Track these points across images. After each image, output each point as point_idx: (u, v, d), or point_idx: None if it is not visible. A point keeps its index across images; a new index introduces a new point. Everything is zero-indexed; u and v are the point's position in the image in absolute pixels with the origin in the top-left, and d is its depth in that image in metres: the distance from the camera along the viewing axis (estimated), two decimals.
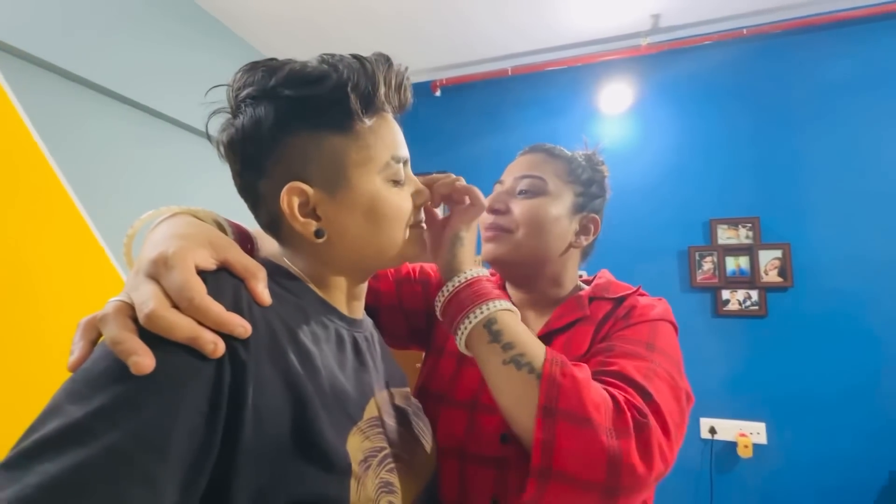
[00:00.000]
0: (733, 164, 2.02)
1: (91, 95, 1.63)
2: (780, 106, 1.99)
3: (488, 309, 0.50)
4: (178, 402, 0.32)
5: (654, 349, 0.54)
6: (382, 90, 0.46)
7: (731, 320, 1.93)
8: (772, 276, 1.89)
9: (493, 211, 0.66)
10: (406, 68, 0.50)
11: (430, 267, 0.77)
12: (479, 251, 0.73)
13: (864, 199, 1.82)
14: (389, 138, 0.48)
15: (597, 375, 0.50)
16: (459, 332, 0.51)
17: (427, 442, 0.55)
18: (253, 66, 0.46)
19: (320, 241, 0.47)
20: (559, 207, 0.65)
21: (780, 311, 1.87)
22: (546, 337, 0.62)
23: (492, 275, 0.78)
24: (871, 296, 1.76)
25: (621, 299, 0.64)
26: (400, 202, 0.49)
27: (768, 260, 1.91)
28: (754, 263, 1.92)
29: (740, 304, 1.92)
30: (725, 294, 1.94)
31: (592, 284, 0.69)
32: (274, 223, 0.49)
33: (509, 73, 2.37)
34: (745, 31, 2.02)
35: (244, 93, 0.45)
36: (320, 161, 0.45)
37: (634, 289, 0.67)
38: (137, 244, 0.45)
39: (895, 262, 1.75)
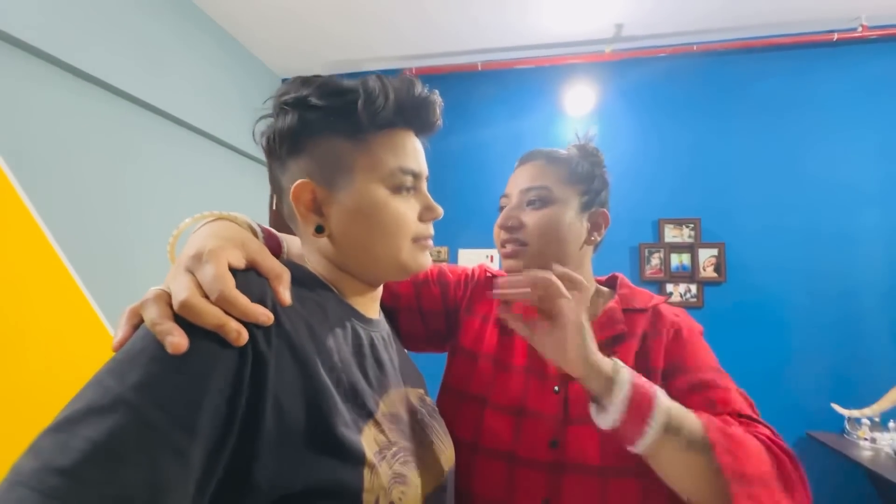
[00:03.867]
0: (680, 168, 2.21)
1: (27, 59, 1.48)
2: (720, 117, 2.20)
3: (660, 407, 0.48)
4: (205, 383, 0.35)
5: (722, 371, 0.60)
6: (395, 107, 0.50)
7: None
8: (709, 272, 2.13)
9: (506, 228, 0.67)
10: (432, 92, 0.53)
11: (450, 269, 0.78)
12: (500, 265, 0.77)
13: (788, 206, 2.08)
14: (401, 151, 0.51)
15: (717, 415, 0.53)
16: (644, 445, 0.48)
17: (441, 442, 0.57)
18: (296, 79, 0.52)
19: (321, 236, 0.51)
20: (569, 212, 0.66)
21: (714, 303, 2.11)
22: None
23: (487, 268, 0.80)
24: (787, 291, 2.04)
25: (656, 313, 0.66)
26: (401, 211, 0.51)
27: (706, 257, 2.14)
28: (695, 260, 2.14)
29: (681, 296, 2.14)
30: (669, 287, 2.15)
31: (618, 294, 0.69)
32: (291, 216, 0.53)
33: (479, 67, 2.41)
34: (694, 47, 2.20)
35: (282, 99, 0.51)
36: (330, 163, 0.50)
37: (659, 298, 0.69)
38: (180, 245, 0.50)
39: (808, 263, 2.04)
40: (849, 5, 1.98)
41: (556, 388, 0.62)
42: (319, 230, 0.51)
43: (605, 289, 0.73)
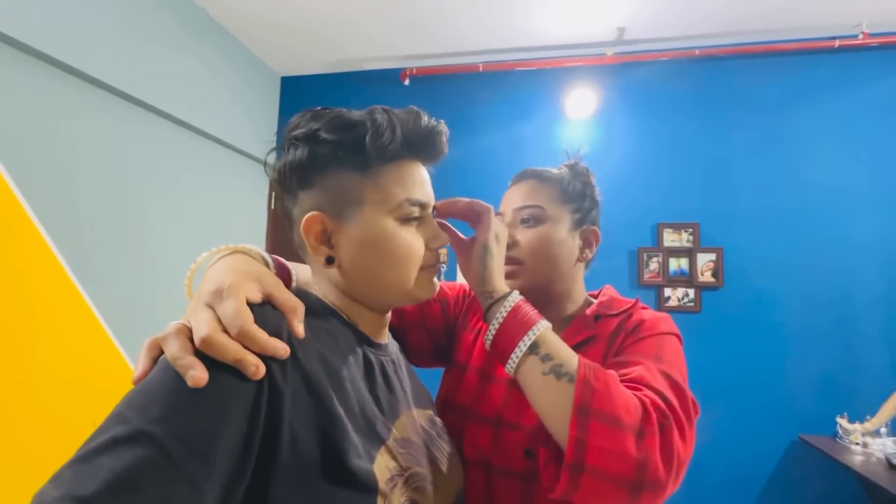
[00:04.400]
0: (680, 172, 2.22)
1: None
2: (720, 122, 2.21)
3: (534, 333, 0.53)
4: (224, 416, 0.36)
5: (662, 360, 0.57)
6: (402, 140, 0.51)
7: (670, 315, 2.16)
8: (706, 277, 2.14)
9: None
10: (438, 122, 0.54)
11: (448, 286, 0.80)
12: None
13: (785, 212, 2.10)
14: (409, 182, 0.52)
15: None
16: (510, 363, 0.54)
17: (451, 463, 0.58)
18: (306, 113, 0.53)
19: (332, 267, 0.52)
20: (561, 230, 0.69)
21: (711, 307, 2.13)
22: None
23: None
24: (784, 296, 2.06)
25: (628, 315, 0.67)
26: (410, 242, 0.52)
27: (704, 262, 2.15)
28: (693, 264, 2.15)
29: (679, 300, 2.16)
30: (668, 291, 2.17)
31: (597, 302, 0.71)
32: (301, 246, 0.54)
33: (480, 69, 2.41)
34: (696, 51, 2.20)
35: (293, 133, 0.52)
36: (340, 196, 0.51)
37: (634, 302, 0.70)
38: (197, 277, 0.50)
39: (804, 268, 2.06)
40: (850, 12, 1.98)
41: None
42: (330, 261, 0.52)
43: (593, 299, 0.75)
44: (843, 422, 1.84)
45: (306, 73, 2.69)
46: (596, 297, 0.77)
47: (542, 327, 0.54)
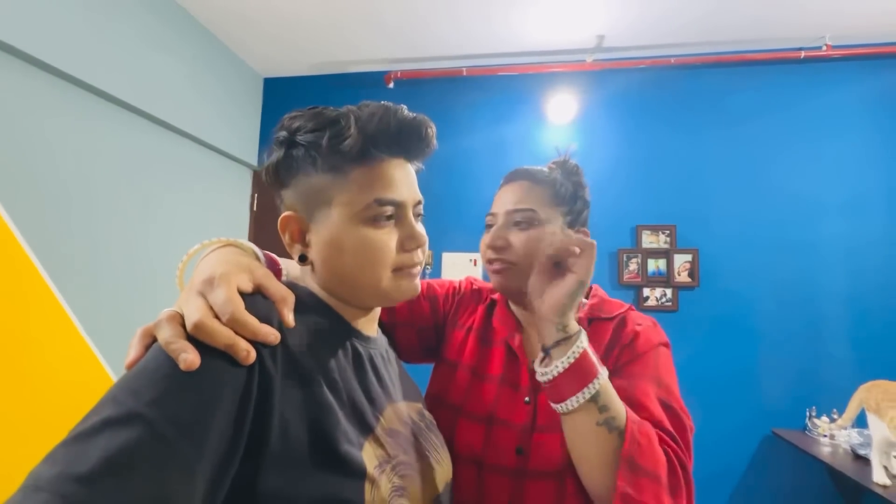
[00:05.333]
0: (657, 176, 2.29)
1: None
2: (695, 128, 2.29)
3: (598, 384, 0.52)
4: (215, 399, 0.36)
5: (661, 383, 0.61)
6: (367, 139, 0.50)
7: (649, 314, 2.21)
8: (683, 277, 2.21)
9: (494, 248, 0.69)
10: (415, 116, 0.53)
11: (438, 283, 0.80)
12: (483, 276, 0.80)
13: (756, 214, 2.18)
14: (379, 182, 0.50)
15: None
16: (565, 405, 0.53)
17: (439, 455, 0.58)
18: (292, 113, 0.53)
19: (305, 265, 0.54)
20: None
21: (688, 306, 2.20)
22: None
23: (474, 281, 0.83)
24: (755, 295, 2.14)
25: (621, 321, 0.68)
26: (378, 244, 0.51)
27: (681, 262, 2.22)
28: (670, 265, 2.22)
29: (657, 300, 2.22)
30: (646, 291, 2.23)
31: (587, 304, 0.72)
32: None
33: (464, 73, 2.44)
34: (672, 59, 2.28)
35: (275, 135, 0.54)
36: (311, 197, 0.51)
37: (627, 307, 0.71)
38: (188, 270, 0.51)
39: (774, 269, 2.14)
40: (815, 25, 2.09)
41: (527, 398, 0.66)
42: (303, 259, 0.54)
43: (582, 300, 0.76)
44: (820, 423, 1.92)
45: (290, 74, 2.68)
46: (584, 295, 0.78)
47: (604, 378, 0.54)
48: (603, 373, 0.54)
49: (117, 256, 1.73)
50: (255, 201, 2.64)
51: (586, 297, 0.75)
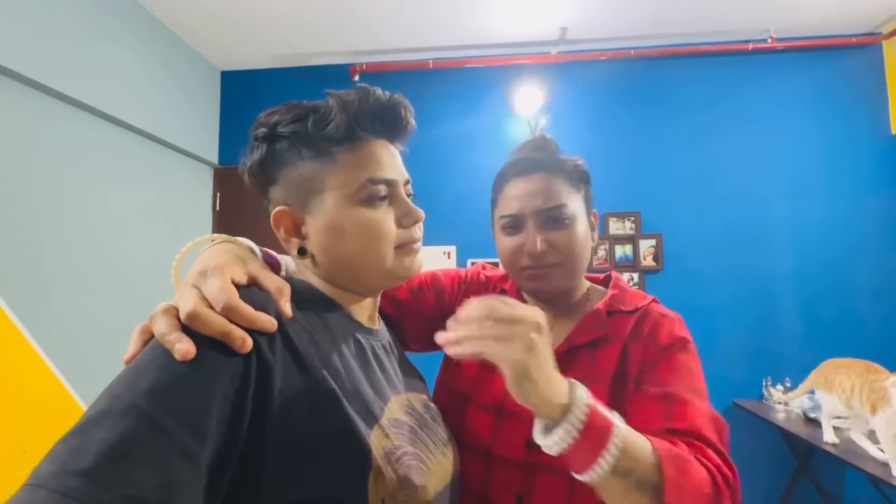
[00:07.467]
0: (621, 164, 2.38)
1: None
2: (654, 118, 2.38)
3: (616, 449, 0.44)
4: (213, 388, 0.36)
5: (696, 385, 0.57)
6: (352, 120, 0.50)
7: None
8: (648, 261, 2.31)
9: (536, 256, 0.63)
10: (391, 96, 0.53)
11: (443, 272, 0.78)
12: (479, 271, 0.78)
13: (713, 198, 2.31)
14: (369, 162, 0.51)
15: (674, 434, 0.51)
16: (588, 476, 0.44)
17: (445, 446, 0.57)
18: (267, 110, 0.53)
19: (305, 258, 0.53)
20: (583, 221, 0.65)
21: (654, 289, 2.30)
22: (569, 353, 0.63)
23: (483, 268, 0.79)
24: (715, 275, 2.27)
25: (644, 314, 0.64)
26: (378, 222, 0.51)
27: (646, 247, 2.32)
28: (636, 250, 2.31)
29: None
30: None
31: (608, 295, 0.68)
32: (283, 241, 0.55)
33: (430, 65, 2.43)
34: (632, 51, 2.36)
35: (254, 133, 0.53)
36: (302, 187, 0.51)
37: (649, 298, 0.67)
38: (184, 268, 0.50)
39: (730, 251, 2.28)
40: (759, 18, 2.22)
41: None
42: (302, 252, 0.53)
43: (600, 288, 0.73)
44: (776, 392, 2.06)
45: (249, 67, 2.58)
46: (599, 281, 0.75)
47: (621, 437, 0.44)
48: (617, 430, 0.44)
49: (64, 262, 1.62)
50: (218, 201, 2.53)
51: (607, 287, 0.71)
